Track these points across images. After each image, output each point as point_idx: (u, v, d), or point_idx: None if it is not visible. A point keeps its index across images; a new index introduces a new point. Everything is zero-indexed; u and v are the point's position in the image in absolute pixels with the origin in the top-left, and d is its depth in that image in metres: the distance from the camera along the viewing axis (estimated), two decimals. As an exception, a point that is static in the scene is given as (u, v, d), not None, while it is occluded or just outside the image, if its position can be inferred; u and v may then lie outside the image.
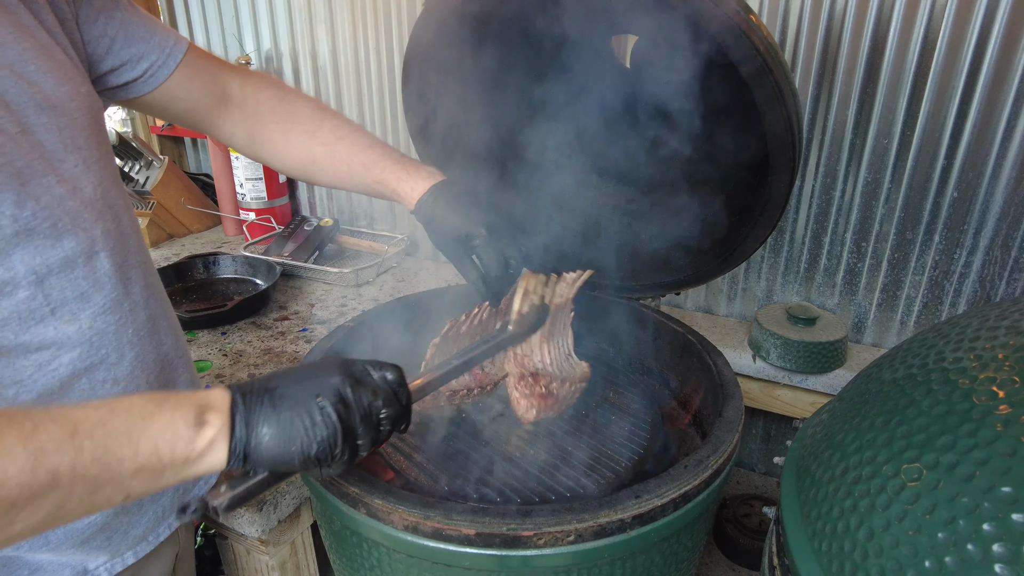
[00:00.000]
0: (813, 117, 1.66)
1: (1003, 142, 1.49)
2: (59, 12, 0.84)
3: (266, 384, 0.71)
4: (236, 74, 1.10)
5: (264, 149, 1.13)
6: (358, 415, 0.71)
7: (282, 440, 0.68)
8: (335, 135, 1.10)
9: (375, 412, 0.73)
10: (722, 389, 1.04)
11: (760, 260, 1.87)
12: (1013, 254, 1.56)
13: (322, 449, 0.69)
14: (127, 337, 0.87)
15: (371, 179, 1.09)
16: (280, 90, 1.12)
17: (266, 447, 0.67)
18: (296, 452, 0.68)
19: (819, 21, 1.57)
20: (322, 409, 0.69)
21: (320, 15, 2.16)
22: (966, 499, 0.57)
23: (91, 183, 0.82)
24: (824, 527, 0.71)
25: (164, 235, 2.46)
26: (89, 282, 0.81)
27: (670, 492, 0.81)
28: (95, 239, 0.81)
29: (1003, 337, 0.69)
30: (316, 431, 0.68)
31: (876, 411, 0.76)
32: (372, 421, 0.72)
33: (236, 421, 0.67)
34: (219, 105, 1.08)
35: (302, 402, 0.69)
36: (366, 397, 0.72)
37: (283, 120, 1.10)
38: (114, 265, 0.84)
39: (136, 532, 0.94)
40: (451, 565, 0.80)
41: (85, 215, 0.80)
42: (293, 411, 0.68)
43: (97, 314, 0.82)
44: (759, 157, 1.04)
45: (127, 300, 0.87)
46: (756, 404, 1.78)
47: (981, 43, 1.44)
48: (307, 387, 0.71)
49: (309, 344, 1.66)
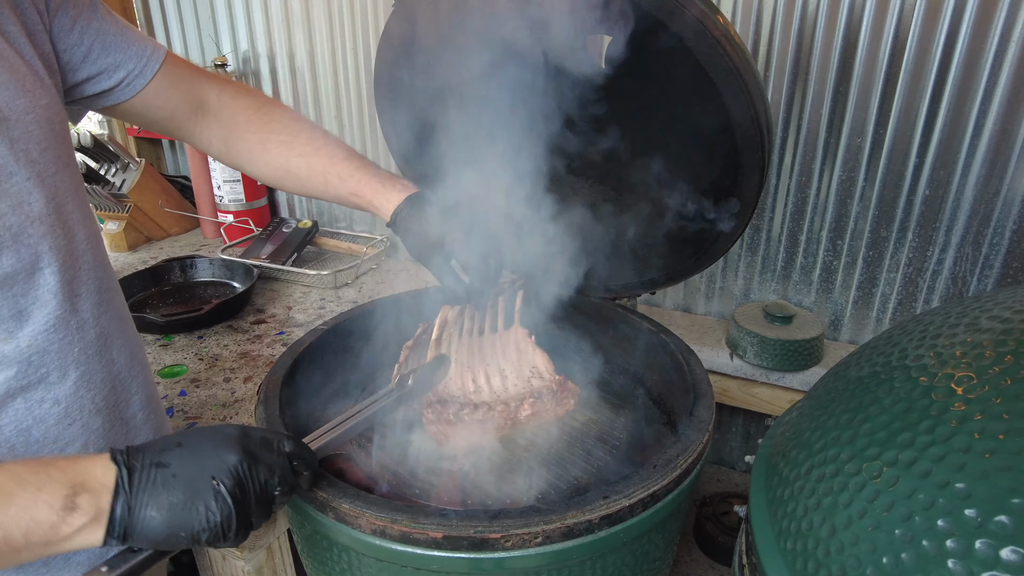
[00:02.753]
0: (788, 116, 1.67)
1: (972, 140, 1.50)
2: (27, 22, 0.82)
3: (158, 458, 0.67)
4: (214, 83, 1.10)
5: (241, 158, 1.13)
6: (253, 496, 0.69)
7: (171, 524, 0.65)
8: (312, 146, 1.10)
9: (270, 490, 0.71)
10: (694, 388, 1.04)
11: (737, 259, 1.88)
12: (984, 251, 1.58)
13: (214, 534, 0.66)
14: (72, 356, 0.84)
15: (347, 191, 1.10)
16: (257, 100, 1.13)
17: (152, 529, 0.64)
18: (185, 538, 0.65)
19: (792, 21, 1.58)
20: (217, 494, 0.66)
21: (296, 15, 2.14)
22: (922, 495, 0.57)
23: (42, 198, 0.80)
24: (790, 525, 0.71)
25: (142, 238, 2.43)
26: (30, 299, 0.79)
27: (638, 492, 0.81)
28: (40, 255, 0.79)
29: (962, 334, 0.70)
30: (210, 517, 0.65)
31: (842, 409, 0.76)
32: (266, 499, 0.70)
33: (118, 505, 0.63)
34: (196, 113, 1.09)
35: (196, 485, 0.66)
36: (263, 475, 0.70)
37: (260, 130, 1.10)
38: (61, 281, 0.82)
39: (79, 557, 0.90)
40: (420, 568, 0.80)
41: (30, 231, 0.78)
42: (186, 495, 0.65)
43: (39, 332, 0.80)
44: (731, 156, 1.05)
45: (74, 318, 0.85)
46: (735, 402, 1.79)
47: (950, 43, 1.46)
48: (202, 467, 0.67)
49: (286, 347, 1.65)
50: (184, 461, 0.67)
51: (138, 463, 0.66)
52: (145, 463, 0.66)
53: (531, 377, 1.12)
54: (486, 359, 1.13)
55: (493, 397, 1.07)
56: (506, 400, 1.06)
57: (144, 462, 0.66)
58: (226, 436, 0.71)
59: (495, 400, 1.06)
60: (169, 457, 0.67)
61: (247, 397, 1.45)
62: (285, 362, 1.14)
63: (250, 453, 0.70)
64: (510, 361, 1.14)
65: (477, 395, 1.07)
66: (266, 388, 1.06)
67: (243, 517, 0.68)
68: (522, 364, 1.14)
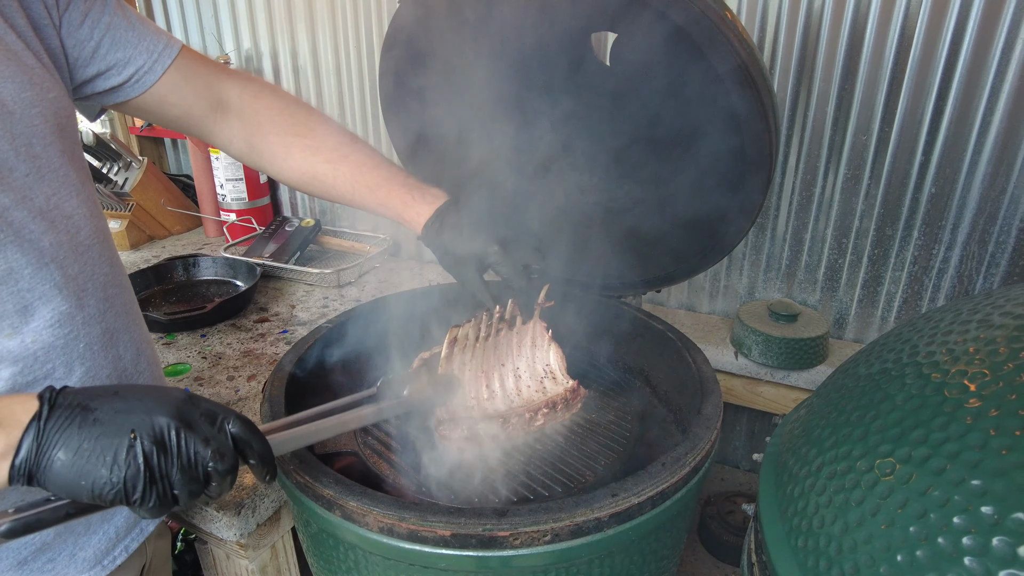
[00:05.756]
0: (792, 114, 1.67)
1: (979, 138, 1.50)
2: (34, 17, 0.82)
3: (86, 401, 0.63)
4: (236, 80, 1.06)
5: (264, 159, 1.10)
6: (177, 464, 0.63)
7: (74, 471, 0.60)
8: (339, 152, 1.07)
9: (201, 463, 0.65)
10: (701, 386, 1.04)
11: (742, 257, 1.88)
12: (990, 249, 1.57)
13: (116, 492, 0.61)
14: (78, 351, 0.84)
15: (375, 201, 1.08)
16: (281, 100, 1.09)
17: (56, 473, 0.60)
18: (85, 488, 0.61)
19: (797, 20, 1.58)
20: (130, 448, 0.61)
21: (300, 13, 2.14)
22: (937, 492, 0.57)
23: (44, 193, 0.79)
24: (800, 523, 0.71)
25: (144, 237, 2.43)
26: (35, 294, 0.78)
27: (647, 490, 0.81)
28: (43, 250, 0.78)
29: (974, 331, 0.69)
30: (115, 472, 0.61)
31: (852, 406, 0.76)
32: (195, 473, 0.65)
33: (25, 441, 0.60)
34: (216, 111, 1.06)
35: (112, 435, 0.62)
36: (194, 445, 0.65)
37: (284, 132, 1.07)
38: (66, 277, 0.81)
39: (85, 555, 0.90)
40: (428, 567, 0.79)
41: (32, 226, 0.77)
42: (98, 442, 0.61)
43: (43, 327, 0.79)
44: (738, 154, 1.04)
45: (80, 313, 0.84)
46: (740, 401, 1.79)
47: (955, 40, 1.45)
48: (127, 419, 0.63)
49: (289, 346, 1.65)
50: (112, 409, 0.63)
51: (64, 402, 0.63)
52: (73, 402, 0.63)
53: (544, 377, 1.11)
54: (501, 358, 1.11)
55: (507, 403, 1.06)
56: (520, 411, 1.05)
57: (73, 401, 0.63)
58: (167, 397, 0.66)
59: (510, 411, 1.05)
60: (98, 402, 0.63)
61: (251, 395, 1.44)
62: (289, 360, 1.14)
63: (185, 419, 0.65)
64: (525, 358, 1.13)
65: (491, 402, 1.06)
66: (270, 386, 1.06)
67: (158, 483, 0.63)
68: (536, 361, 1.13)
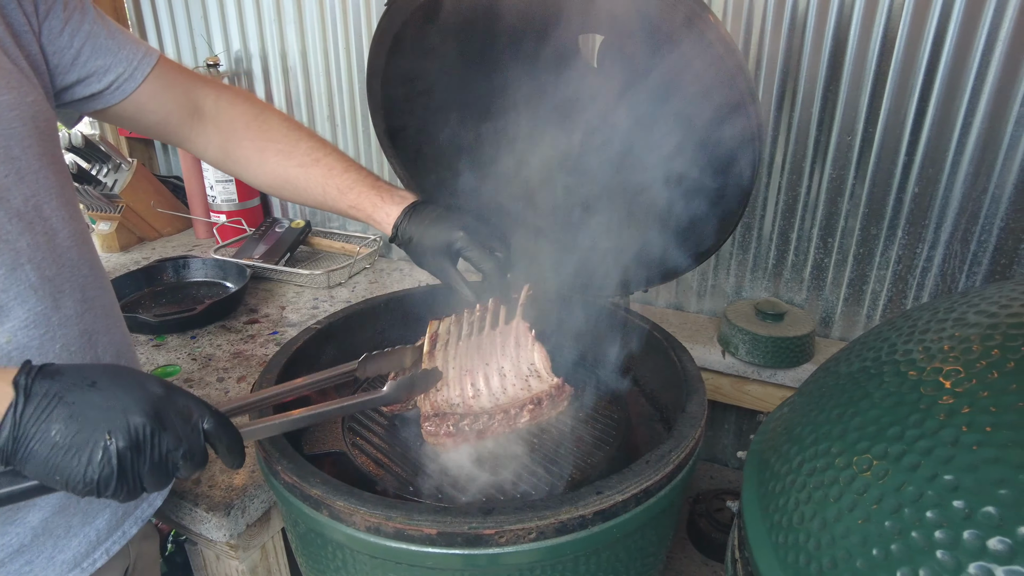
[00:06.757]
0: (778, 115, 1.68)
1: (960, 138, 1.52)
2: (14, 24, 0.83)
3: (64, 393, 0.63)
4: (211, 88, 1.09)
5: (238, 165, 1.13)
6: (149, 463, 0.65)
7: (49, 467, 0.62)
8: (311, 157, 1.09)
9: (171, 462, 0.67)
10: (686, 385, 1.05)
11: (729, 257, 1.89)
12: (972, 248, 1.59)
13: (88, 490, 0.63)
14: (53, 352, 0.84)
15: (346, 204, 1.09)
16: (255, 107, 1.12)
17: (32, 461, 0.62)
18: (59, 482, 0.63)
19: (782, 21, 1.59)
20: (106, 450, 0.62)
21: (289, 15, 2.14)
22: (911, 488, 0.58)
23: (21, 195, 0.80)
24: (781, 519, 0.72)
25: (134, 239, 2.42)
26: (10, 295, 0.79)
27: (631, 488, 0.82)
28: (19, 251, 0.79)
29: (950, 329, 0.71)
30: (89, 471, 0.62)
31: (832, 404, 0.77)
32: (164, 469, 0.67)
33: (3, 425, 0.61)
34: (192, 118, 1.08)
35: (87, 434, 0.62)
36: (167, 444, 0.66)
37: (258, 138, 1.10)
38: (42, 278, 0.82)
39: (64, 557, 0.90)
40: (415, 565, 0.80)
41: (8, 227, 0.78)
42: (74, 440, 0.62)
43: (19, 327, 0.80)
44: (723, 156, 1.05)
45: (56, 314, 0.84)
46: (727, 399, 1.80)
47: (938, 42, 1.47)
48: (104, 417, 0.63)
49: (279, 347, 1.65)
50: (88, 404, 0.63)
51: (40, 391, 0.63)
52: (52, 392, 0.63)
53: (529, 376, 1.12)
54: (485, 357, 1.12)
55: (492, 401, 1.07)
56: (505, 408, 1.06)
57: (52, 390, 0.63)
58: (144, 393, 0.66)
59: (495, 408, 1.06)
60: (75, 395, 0.64)
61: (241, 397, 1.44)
62: (279, 361, 1.15)
63: (160, 419, 0.66)
64: (509, 357, 1.14)
65: (476, 400, 1.07)
66: (260, 387, 1.06)
67: (128, 480, 0.64)
68: (521, 361, 1.14)
